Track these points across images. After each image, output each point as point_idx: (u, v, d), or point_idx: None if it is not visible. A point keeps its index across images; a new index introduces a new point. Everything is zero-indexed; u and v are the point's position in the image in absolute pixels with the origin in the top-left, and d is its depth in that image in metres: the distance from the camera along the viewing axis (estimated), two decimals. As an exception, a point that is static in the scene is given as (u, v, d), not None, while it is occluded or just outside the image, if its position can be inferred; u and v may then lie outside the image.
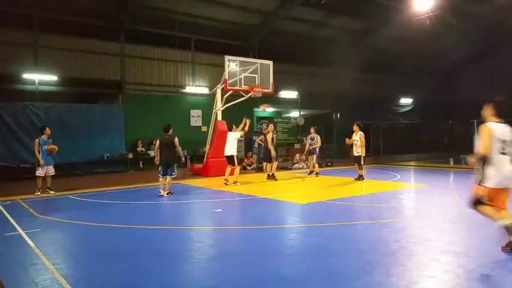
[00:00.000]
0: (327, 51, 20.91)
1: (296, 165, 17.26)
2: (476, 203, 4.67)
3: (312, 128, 14.08)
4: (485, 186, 4.53)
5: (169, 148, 9.35)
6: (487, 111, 4.85)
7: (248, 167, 17.08)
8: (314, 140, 13.78)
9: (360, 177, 11.80)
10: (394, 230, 5.86)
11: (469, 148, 8.32)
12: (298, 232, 5.99)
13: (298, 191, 10.45)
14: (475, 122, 22.01)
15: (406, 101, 27.59)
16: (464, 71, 26.98)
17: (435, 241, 5.20)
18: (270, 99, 20.17)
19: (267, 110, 14.49)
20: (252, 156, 18.10)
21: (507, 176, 4.50)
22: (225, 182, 11.32)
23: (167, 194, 9.40)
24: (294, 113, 23.47)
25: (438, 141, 25.72)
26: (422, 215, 7.07)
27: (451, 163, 18.25)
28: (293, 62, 21.98)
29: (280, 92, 21.19)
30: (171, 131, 9.53)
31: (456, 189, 9.88)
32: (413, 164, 17.92)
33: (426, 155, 21.22)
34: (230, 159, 11.53)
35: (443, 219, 6.68)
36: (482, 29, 22.25)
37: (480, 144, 4.53)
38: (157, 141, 9.59)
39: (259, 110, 19.96)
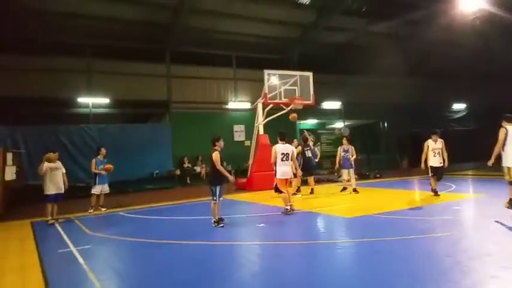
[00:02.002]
0: (369, 59, 20.43)
1: (341, 178, 16.79)
2: None
3: (345, 138, 12.73)
4: None
5: (210, 166, 7.89)
6: None
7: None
8: (348, 152, 12.22)
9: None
10: (447, 244, 5.48)
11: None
12: (343, 247, 5.77)
13: (345, 204, 10.13)
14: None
15: (459, 106, 26.21)
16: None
17: (493, 256, 4.79)
18: (312, 110, 20.02)
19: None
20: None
21: None
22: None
23: (214, 223, 7.70)
24: (338, 124, 23.06)
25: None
26: (479, 227, 6.57)
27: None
28: (335, 72, 21.68)
29: (322, 103, 20.98)
30: (217, 144, 7.94)
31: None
32: (469, 173, 16.89)
33: (483, 163, 19.89)
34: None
35: (501, 231, 6.17)
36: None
37: None
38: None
39: (300, 122, 19.85)
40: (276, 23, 18.71)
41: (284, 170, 8.98)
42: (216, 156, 7.74)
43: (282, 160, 8.97)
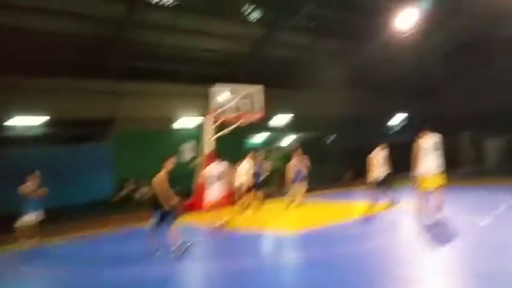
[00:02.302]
0: (316, 74, 20.88)
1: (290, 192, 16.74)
2: None
3: (296, 151, 12.41)
4: None
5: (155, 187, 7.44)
6: None
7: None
8: (301, 165, 12.13)
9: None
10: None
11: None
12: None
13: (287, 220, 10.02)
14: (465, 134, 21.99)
15: (399, 118, 27.60)
16: (452, 86, 27.18)
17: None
18: (262, 125, 20.00)
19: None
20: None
21: None
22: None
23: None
24: (288, 138, 23.16)
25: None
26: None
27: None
28: (284, 86, 21.70)
29: (271, 118, 21.04)
30: (166, 164, 7.67)
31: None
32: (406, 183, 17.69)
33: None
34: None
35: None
36: (466, 42, 22.61)
37: None
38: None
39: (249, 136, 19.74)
40: (225, 37, 18.59)
41: (213, 190, 8.73)
42: (160, 176, 7.16)
43: (213, 182, 8.77)
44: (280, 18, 18.26)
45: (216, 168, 9.00)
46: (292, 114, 21.86)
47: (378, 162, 10.65)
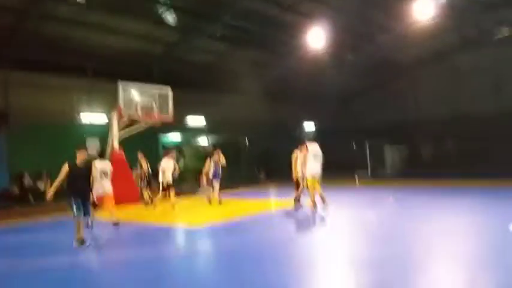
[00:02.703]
0: (232, 80, 21.63)
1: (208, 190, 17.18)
2: None
3: (216, 151, 13.01)
4: None
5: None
6: None
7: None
8: (218, 164, 12.65)
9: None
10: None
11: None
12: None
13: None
14: (368, 144, 24.31)
15: (308, 126, 29.40)
16: (359, 99, 29.73)
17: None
18: (177, 126, 20.23)
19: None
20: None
21: None
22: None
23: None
24: (203, 140, 23.59)
25: (337, 162, 27.19)
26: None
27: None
28: (200, 90, 22.14)
29: (187, 119, 21.35)
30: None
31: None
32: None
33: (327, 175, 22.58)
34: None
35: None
36: (370, 64, 24.95)
37: None
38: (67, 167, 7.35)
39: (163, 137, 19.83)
40: (137, 37, 18.45)
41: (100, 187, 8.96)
42: (64, 168, 7.22)
43: (100, 177, 8.97)
44: (196, 24, 18.60)
45: (102, 165, 9.18)
46: (209, 117, 22.34)
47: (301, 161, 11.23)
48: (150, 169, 13.02)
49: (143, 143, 17.66)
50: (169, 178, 11.75)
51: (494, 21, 22.17)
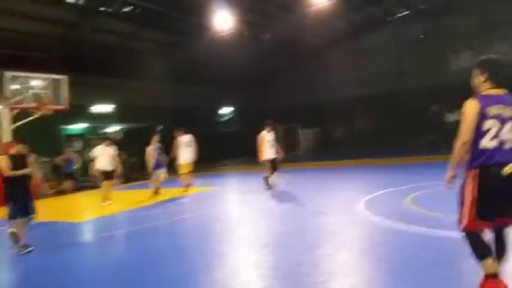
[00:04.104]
0: (142, 64, 20.63)
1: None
2: None
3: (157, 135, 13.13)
4: None
5: None
6: None
7: (50, 190, 16.09)
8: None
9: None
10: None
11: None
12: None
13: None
14: (282, 127, 25.01)
15: (226, 110, 29.37)
16: (273, 81, 30.34)
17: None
18: (81, 113, 19.03)
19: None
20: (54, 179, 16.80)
21: None
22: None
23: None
24: (112, 128, 22.40)
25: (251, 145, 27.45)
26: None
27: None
28: (106, 74, 20.79)
29: (92, 106, 20.13)
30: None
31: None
32: (223, 170, 19.47)
33: (243, 159, 22.94)
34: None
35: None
36: (282, 45, 25.40)
37: None
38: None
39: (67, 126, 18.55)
40: (34, 18, 16.79)
41: None
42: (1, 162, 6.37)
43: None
44: (98, 3, 17.39)
45: None
46: (117, 103, 21.24)
47: (269, 142, 11.19)
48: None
49: (45, 133, 16.49)
50: (104, 166, 10.80)
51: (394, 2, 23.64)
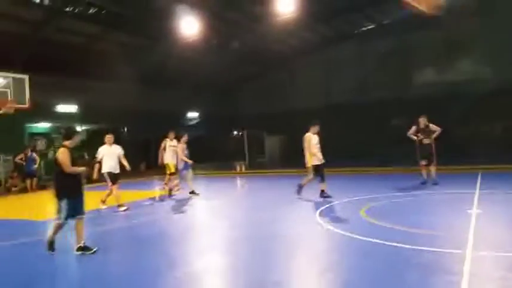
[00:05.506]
0: (107, 65, 20.66)
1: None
2: None
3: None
4: None
5: (55, 171, 5.96)
6: None
7: (13, 188, 16.28)
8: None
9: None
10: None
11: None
12: None
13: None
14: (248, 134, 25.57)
15: (192, 114, 29.67)
16: (241, 88, 30.95)
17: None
18: (45, 113, 19.01)
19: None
20: (17, 177, 16.73)
21: None
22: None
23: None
24: (76, 128, 22.29)
25: (221, 151, 27.98)
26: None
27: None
28: (72, 75, 20.69)
29: (57, 106, 20.09)
30: (70, 141, 6.11)
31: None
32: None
33: (206, 165, 23.31)
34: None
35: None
36: (250, 53, 25.97)
37: None
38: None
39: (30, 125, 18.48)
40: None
41: None
42: (63, 155, 5.66)
43: None
44: (63, 3, 17.46)
45: None
46: (82, 104, 21.25)
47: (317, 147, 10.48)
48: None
49: (8, 131, 16.50)
50: (113, 168, 10.09)
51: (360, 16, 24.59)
